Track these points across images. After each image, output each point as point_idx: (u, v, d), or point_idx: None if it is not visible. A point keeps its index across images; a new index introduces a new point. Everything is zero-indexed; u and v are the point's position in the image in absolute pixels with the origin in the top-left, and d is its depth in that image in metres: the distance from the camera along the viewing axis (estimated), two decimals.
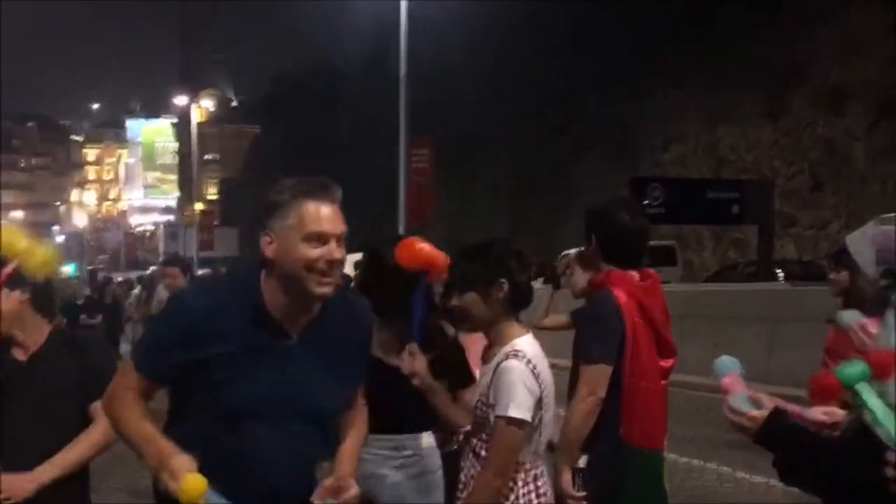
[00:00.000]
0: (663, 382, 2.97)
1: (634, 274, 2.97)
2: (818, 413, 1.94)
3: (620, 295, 2.85)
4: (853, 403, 1.69)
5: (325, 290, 1.92)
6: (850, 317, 3.12)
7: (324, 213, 1.92)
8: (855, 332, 3.24)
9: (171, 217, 78.96)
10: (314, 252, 1.90)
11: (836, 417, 1.91)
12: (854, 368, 1.66)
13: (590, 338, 2.90)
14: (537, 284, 2.99)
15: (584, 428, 2.79)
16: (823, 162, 23.64)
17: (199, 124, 51.49)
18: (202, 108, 65.64)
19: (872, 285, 1.93)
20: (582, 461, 2.82)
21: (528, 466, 2.50)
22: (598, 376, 2.80)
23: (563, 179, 30.55)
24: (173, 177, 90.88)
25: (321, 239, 1.91)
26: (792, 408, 1.93)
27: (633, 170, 26.09)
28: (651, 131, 28.70)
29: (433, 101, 31.65)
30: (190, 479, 1.80)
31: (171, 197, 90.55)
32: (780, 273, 17.97)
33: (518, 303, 2.57)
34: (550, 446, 2.76)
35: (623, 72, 28.92)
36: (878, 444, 1.61)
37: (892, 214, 1.88)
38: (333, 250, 1.92)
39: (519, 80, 33.83)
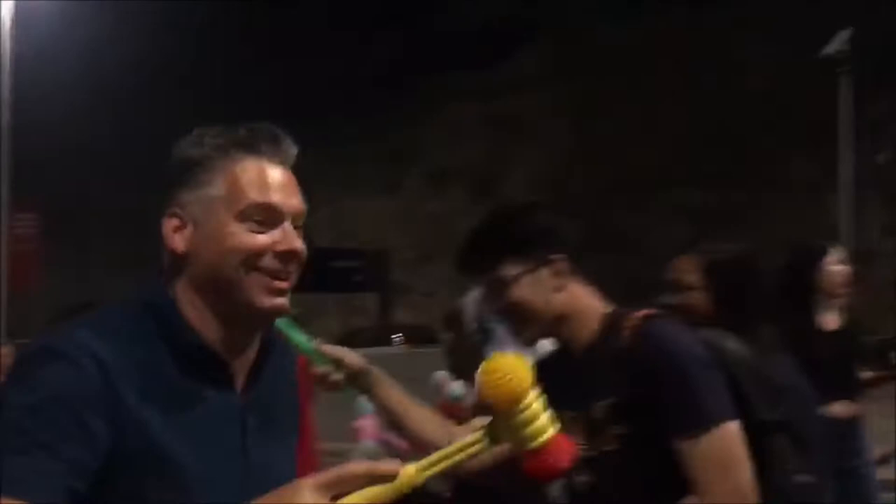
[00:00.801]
0: None
1: None
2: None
3: None
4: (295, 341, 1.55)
5: (278, 301, 1.14)
6: (437, 377, 3.51)
7: (272, 178, 1.14)
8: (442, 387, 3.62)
9: None
10: (257, 239, 1.12)
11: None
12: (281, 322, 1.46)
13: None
14: None
15: None
16: (433, 235, 26.04)
17: None
18: None
19: (471, 339, 2.17)
20: None
21: None
22: None
23: None
24: None
25: (269, 218, 1.13)
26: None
27: None
28: None
29: (47, 160, 29.03)
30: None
31: None
32: (399, 337, 19.21)
33: None
34: None
35: None
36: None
37: None
38: (288, 235, 1.14)
39: (143, 142, 32.51)
